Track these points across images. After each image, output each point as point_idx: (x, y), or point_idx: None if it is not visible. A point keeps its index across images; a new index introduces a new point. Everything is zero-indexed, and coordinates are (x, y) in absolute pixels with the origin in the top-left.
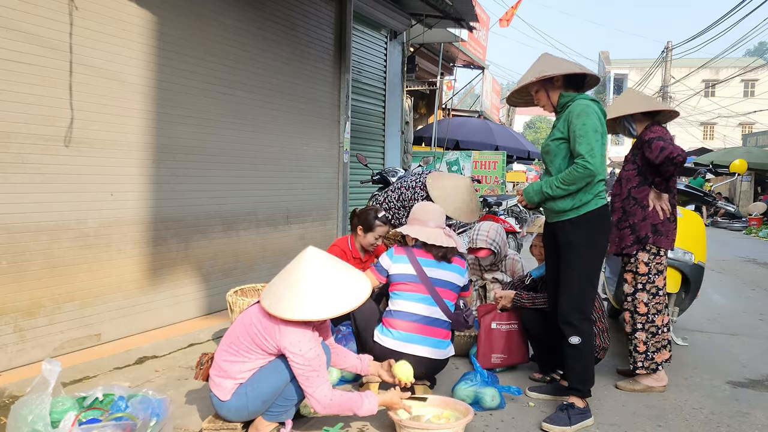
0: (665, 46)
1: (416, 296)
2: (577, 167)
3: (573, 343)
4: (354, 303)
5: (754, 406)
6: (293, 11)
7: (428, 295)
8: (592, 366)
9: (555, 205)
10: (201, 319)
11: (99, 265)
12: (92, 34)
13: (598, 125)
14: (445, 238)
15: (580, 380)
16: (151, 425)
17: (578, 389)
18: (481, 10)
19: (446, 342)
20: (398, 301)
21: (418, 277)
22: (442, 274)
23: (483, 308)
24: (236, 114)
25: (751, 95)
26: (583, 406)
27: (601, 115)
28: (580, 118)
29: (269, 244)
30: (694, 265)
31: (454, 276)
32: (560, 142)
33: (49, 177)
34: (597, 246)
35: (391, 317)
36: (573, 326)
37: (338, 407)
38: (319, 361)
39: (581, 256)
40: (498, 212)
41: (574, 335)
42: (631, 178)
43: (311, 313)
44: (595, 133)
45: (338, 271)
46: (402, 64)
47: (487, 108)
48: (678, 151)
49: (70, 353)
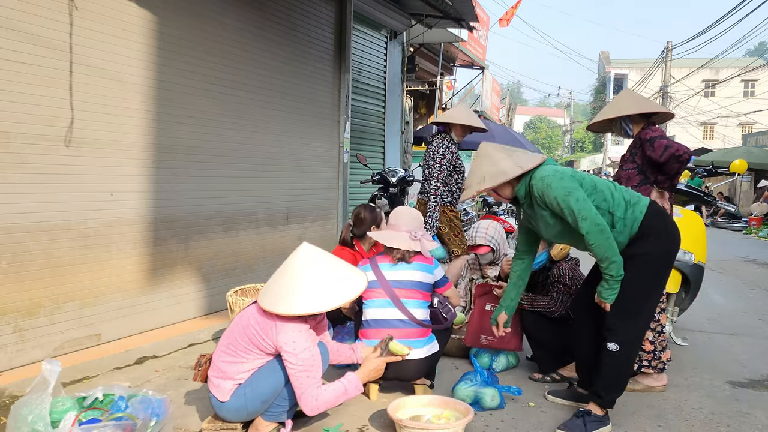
0: (665, 46)
1: (380, 302)
2: (593, 245)
3: (611, 350)
4: (349, 295)
5: (754, 406)
6: (293, 11)
7: (388, 298)
8: (626, 378)
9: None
10: (201, 319)
11: (99, 265)
12: (92, 34)
13: (563, 182)
14: (407, 242)
15: (605, 388)
16: (151, 425)
17: (600, 396)
18: (481, 10)
19: (422, 340)
20: (367, 310)
21: (379, 282)
22: (401, 274)
23: (480, 288)
24: (236, 114)
25: (751, 95)
26: (602, 414)
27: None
28: (547, 193)
29: (269, 244)
30: (694, 265)
31: (419, 274)
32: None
33: (49, 177)
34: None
35: (363, 328)
36: (614, 332)
37: (325, 406)
38: (312, 362)
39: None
40: (498, 212)
41: (613, 342)
42: (632, 177)
43: (308, 307)
44: (568, 195)
45: (332, 266)
46: (402, 64)
47: (487, 108)
48: (684, 149)
49: (70, 353)
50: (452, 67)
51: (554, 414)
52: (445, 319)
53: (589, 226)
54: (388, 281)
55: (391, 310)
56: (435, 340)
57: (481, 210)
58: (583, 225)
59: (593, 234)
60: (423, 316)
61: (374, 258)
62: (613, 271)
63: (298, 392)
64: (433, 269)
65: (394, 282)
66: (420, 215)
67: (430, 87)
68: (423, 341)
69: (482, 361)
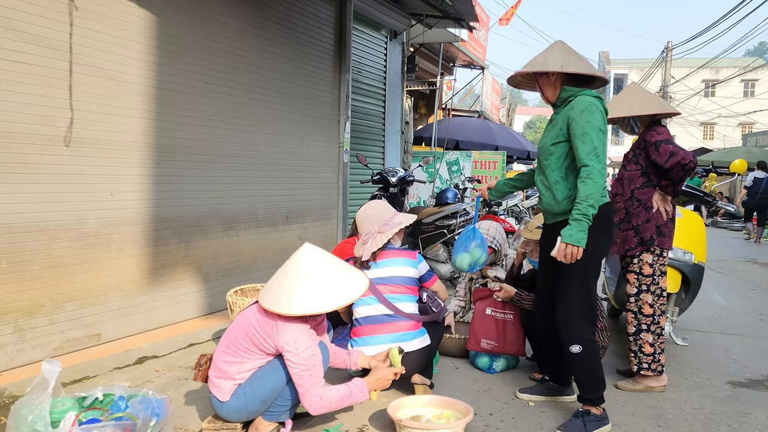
0: (665, 46)
1: (367, 299)
2: (589, 179)
3: (574, 352)
4: (350, 297)
5: (754, 406)
6: (293, 11)
7: (373, 295)
8: (600, 372)
9: (557, 205)
10: (201, 319)
11: (99, 265)
12: (92, 34)
13: (603, 124)
14: (375, 243)
15: (589, 389)
16: (151, 425)
17: (589, 398)
18: (481, 10)
19: (412, 333)
20: (356, 308)
21: None
22: (384, 271)
23: (478, 293)
24: (236, 114)
25: (751, 95)
26: (600, 414)
27: (605, 114)
28: (584, 115)
29: (269, 244)
30: (694, 265)
31: (401, 269)
32: (561, 142)
33: (49, 177)
34: (598, 248)
35: (354, 326)
36: (571, 334)
37: (329, 405)
38: (314, 361)
39: (582, 258)
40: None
41: (574, 344)
42: (634, 178)
43: (309, 308)
44: (599, 133)
45: (334, 267)
46: (402, 64)
47: (487, 108)
48: (689, 157)
49: (70, 353)
50: (452, 67)
51: (554, 414)
52: (434, 312)
53: (594, 162)
54: (371, 279)
55: (377, 306)
56: (426, 334)
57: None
58: (590, 160)
59: (595, 171)
60: (411, 309)
61: None
62: (590, 212)
63: (302, 391)
64: (416, 263)
65: (377, 279)
66: (381, 205)
67: (430, 87)
68: (413, 334)
69: (482, 361)
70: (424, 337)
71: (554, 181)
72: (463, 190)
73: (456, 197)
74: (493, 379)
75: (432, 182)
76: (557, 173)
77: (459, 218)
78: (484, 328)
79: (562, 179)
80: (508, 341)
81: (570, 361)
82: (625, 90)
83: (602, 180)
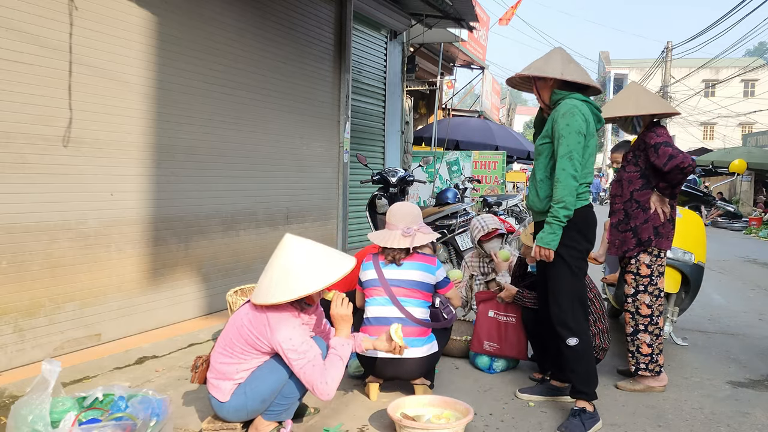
0: (665, 46)
1: (380, 300)
2: (559, 182)
3: (571, 345)
4: (339, 273)
5: (754, 406)
6: (293, 11)
7: (387, 296)
8: (593, 366)
9: (540, 203)
10: (201, 319)
11: (99, 265)
12: (92, 34)
13: (583, 127)
14: (398, 240)
15: (584, 382)
16: (151, 425)
17: (584, 392)
18: (481, 10)
19: (421, 340)
20: (368, 307)
21: (379, 280)
22: (401, 273)
23: (480, 295)
24: (236, 114)
25: (751, 95)
26: (593, 410)
27: (589, 116)
28: (564, 118)
29: (269, 244)
30: (694, 265)
31: (419, 274)
32: (547, 143)
33: (49, 177)
34: (577, 246)
35: (364, 325)
36: (568, 328)
37: (335, 383)
38: (313, 352)
39: (564, 256)
40: (498, 212)
41: (571, 336)
42: (633, 180)
43: (304, 288)
44: (576, 136)
45: (318, 249)
46: (402, 64)
47: (487, 108)
48: (688, 161)
49: (70, 353)
50: (452, 67)
51: (554, 414)
52: (445, 319)
53: (567, 165)
54: (387, 280)
55: (390, 308)
56: (435, 340)
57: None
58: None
59: (566, 174)
60: (422, 315)
61: (376, 256)
62: (561, 215)
63: (309, 385)
64: (434, 270)
65: (393, 281)
66: (417, 209)
67: (430, 87)
68: (422, 340)
69: (482, 361)
70: (432, 344)
71: (539, 180)
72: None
73: (456, 197)
74: (493, 379)
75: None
76: (542, 172)
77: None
78: (486, 330)
79: (546, 178)
80: (509, 344)
81: (567, 354)
82: (627, 89)
83: (572, 182)
